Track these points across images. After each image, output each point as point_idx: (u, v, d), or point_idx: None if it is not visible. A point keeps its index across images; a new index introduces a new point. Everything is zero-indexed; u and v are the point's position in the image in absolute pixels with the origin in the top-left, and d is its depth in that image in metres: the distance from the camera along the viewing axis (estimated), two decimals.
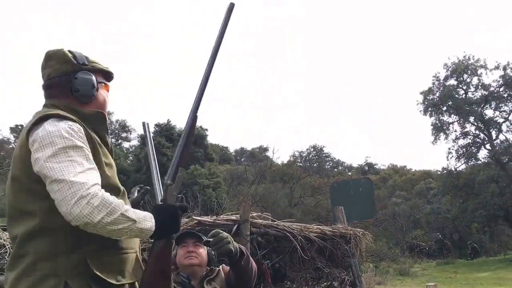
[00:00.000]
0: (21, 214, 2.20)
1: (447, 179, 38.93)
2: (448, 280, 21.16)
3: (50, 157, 2.09)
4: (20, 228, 2.18)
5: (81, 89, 2.38)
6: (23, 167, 2.19)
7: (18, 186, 2.21)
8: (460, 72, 38.49)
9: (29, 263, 2.14)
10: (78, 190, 2.03)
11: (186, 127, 2.67)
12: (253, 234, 5.52)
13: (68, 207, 2.01)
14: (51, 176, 2.06)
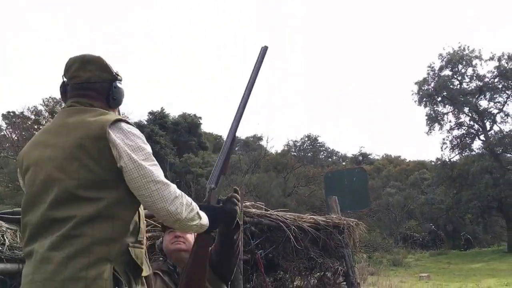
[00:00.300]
0: (76, 199, 2.30)
1: (441, 170, 39.05)
2: (441, 271, 21.26)
3: (144, 160, 2.36)
4: (78, 212, 2.27)
5: (117, 98, 2.67)
6: (97, 158, 2.33)
7: (86, 174, 2.32)
8: (455, 62, 38.55)
9: (84, 244, 2.24)
10: (174, 191, 2.37)
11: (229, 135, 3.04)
12: (246, 224, 5.48)
13: (166, 205, 2.33)
14: (149, 176, 2.32)
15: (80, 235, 2.25)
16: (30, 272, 2.27)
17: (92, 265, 2.22)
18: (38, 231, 2.34)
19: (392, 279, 15.09)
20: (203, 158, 36.93)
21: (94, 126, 2.38)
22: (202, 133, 43.95)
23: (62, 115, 2.56)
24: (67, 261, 2.21)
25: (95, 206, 2.29)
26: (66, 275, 2.19)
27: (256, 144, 62.26)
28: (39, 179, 2.40)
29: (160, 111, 41.75)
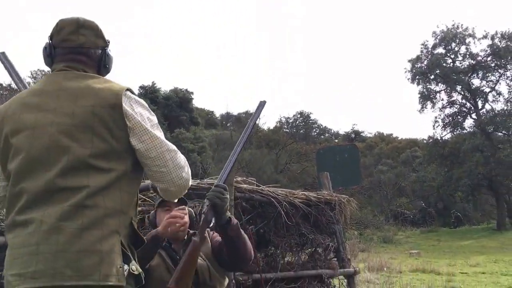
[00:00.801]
0: (86, 168, 2.24)
1: (433, 148, 39.25)
2: (431, 248, 21.42)
3: (155, 130, 2.40)
4: (89, 181, 2.22)
5: (109, 66, 2.64)
6: (111, 128, 2.29)
7: (98, 143, 2.27)
8: (448, 40, 38.59)
9: (98, 216, 2.19)
10: (184, 161, 2.48)
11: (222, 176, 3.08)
12: (237, 199, 5.46)
13: (180, 172, 2.41)
14: (164, 146, 2.37)
15: (93, 205, 2.20)
16: (33, 243, 2.13)
17: (106, 237, 2.18)
18: (41, 199, 2.22)
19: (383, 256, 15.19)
20: (194, 134, 36.90)
21: (106, 94, 2.35)
22: (193, 108, 43.86)
23: (57, 78, 2.45)
24: (80, 232, 2.14)
25: (107, 177, 2.26)
26: (80, 247, 2.12)
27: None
28: (41, 145, 2.28)
29: (151, 86, 41.62)
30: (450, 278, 11.59)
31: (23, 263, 2.12)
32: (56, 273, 2.08)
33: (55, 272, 2.08)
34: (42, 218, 2.16)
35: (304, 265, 6.16)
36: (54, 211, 2.17)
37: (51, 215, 2.16)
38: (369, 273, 11.64)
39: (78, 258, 2.10)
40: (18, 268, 2.13)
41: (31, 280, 2.09)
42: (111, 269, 2.15)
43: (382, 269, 12.83)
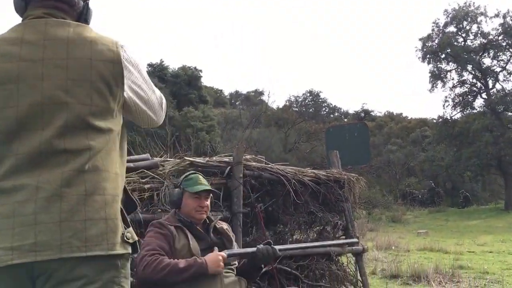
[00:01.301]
0: (86, 128, 2.08)
1: (443, 128, 39.14)
2: (439, 228, 21.44)
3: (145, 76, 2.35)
4: (93, 142, 2.07)
5: (89, 20, 2.36)
6: (110, 84, 2.14)
7: (97, 100, 2.11)
8: (460, 19, 38.31)
9: (100, 180, 2.05)
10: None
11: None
12: (246, 177, 5.48)
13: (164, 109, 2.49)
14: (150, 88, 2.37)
15: (95, 169, 2.05)
16: (29, 212, 1.92)
17: (109, 203, 2.05)
18: (33, 162, 2.00)
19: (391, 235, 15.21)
20: (203, 112, 36.81)
21: (101, 47, 2.16)
22: (202, 87, 43.63)
23: (38, 25, 2.15)
24: (85, 199, 1.98)
25: (106, 138, 2.12)
26: (86, 215, 1.97)
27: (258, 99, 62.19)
28: (31, 101, 2.03)
29: (160, 63, 41.51)
30: (458, 256, 11.62)
31: (16, 235, 1.90)
32: (63, 244, 1.91)
33: (62, 243, 1.91)
34: (38, 184, 1.96)
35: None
36: (53, 176, 1.99)
37: (50, 181, 1.97)
38: (377, 251, 11.68)
39: (85, 227, 1.95)
40: (8, 241, 1.90)
41: (29, 253, 1.89)
42: (116, 237, 2.03)
43: (390, 247, 12.87)
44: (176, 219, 3.66)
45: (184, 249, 3.47)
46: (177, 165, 5.17)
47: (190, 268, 3.28)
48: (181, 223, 3.62)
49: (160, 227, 3.56)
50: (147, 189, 4.77)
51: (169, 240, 3.49)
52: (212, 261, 3.35)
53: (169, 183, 4.87)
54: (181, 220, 3.64)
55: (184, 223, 3.63)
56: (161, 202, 4.78)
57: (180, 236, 3.54)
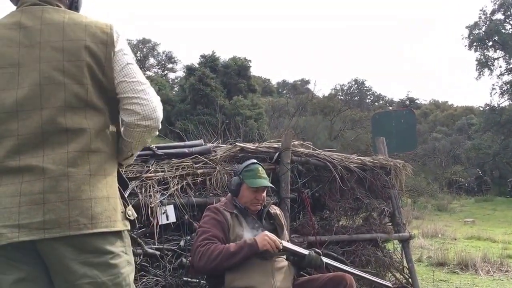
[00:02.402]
0: (84, 107, 2.16)
1: (490, 115, 38.55)
2: (486, 217, 21.15)
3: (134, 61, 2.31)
4: (89, 123, 2.16)
5: (79, 8, 2.41)
6: (102, 65, 2.21)
7: (90, 79, 2.17)
8: (508, 6, 37.55)
9: (101, 160, 2.17)
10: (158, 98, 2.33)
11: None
12: (293, 163, 5.56)
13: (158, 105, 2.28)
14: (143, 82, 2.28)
15: (97, 150, 2.16)
16: (36, 191, 2.00)
17: (109, 183, 2.17)
18: (36, 142, 2.07)
19: (437, 223, 15.11)
20: (252, 101, 37.22)
21: (95, 30, 2.22)
22: (251, 76, 44.05)
23: (35, 11, 2.21)
24: (89, 179, 2.09)
25: (102, 118, 2.21)
26: (91, 194, 2.07)
27: (304, 88, 62.23)
28: (31, 82, 2.10)
29: (211, 55, 42.02)
30: (506, 246, 11.47)
31: (23, 213, 1.98)
32: (71, 222, 2.00)
33: (70, 221, 2.00)
34: (44, 164, 2.04)
35: (359, 228, 6.22)
36: (58, 156, 2.07)
37: (56, 161, 2.05)
38: (423, 239, 11.62)
39: (91, 205, 2.05)
40: (14, 219, 1.98)
41: (38, 231, 1.97)
42: (117, 214, 2.16)
43: (436, 235, 12.78)
44: (233, 205, 3.76)
45: (239, 237, 3.59)
46: (228, 150, 5.29)
47: (241, 250, 3.39)
48: (236, 210, 3.72)
49: (216, 213, 3.67)
50: (200, 174, 4.91)
51: (224, 227, 3.60)
52: (262, 239, 3.45)
53: (221, 168, 5.00)
54: (237, 207, 3.74)
55: (240, 210, 3.73)
56: (213, 187, 4.92)
57: (235, 224, 3.65)
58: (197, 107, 35.42)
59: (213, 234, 3.53)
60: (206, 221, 3.66)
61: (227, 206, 3.75)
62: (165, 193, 4.60)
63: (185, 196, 4.73)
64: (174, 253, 4.50)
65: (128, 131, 2.28)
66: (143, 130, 2.25)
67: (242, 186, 3.77)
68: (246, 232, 3.65)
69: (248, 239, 3.47)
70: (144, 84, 2.26)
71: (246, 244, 3.42)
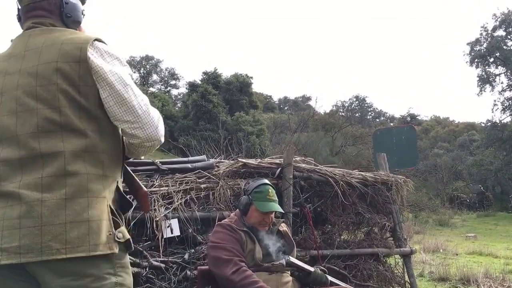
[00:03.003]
0: (60, 130, 2.12)
1: (491, 131, 38.53)
2: (488, 232, 21.14)
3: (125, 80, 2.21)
4: (66, 145, 2.10)
5: (73, 15, 2.36)
6: (77, 84, 2.15)
7: (65, 101, 2.13)
8: (509, 22, 37.67)
9: (81, 183, 2.09)
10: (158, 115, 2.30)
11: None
12: (296, 178, 5.64)
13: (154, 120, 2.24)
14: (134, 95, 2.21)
15: (75, 172, 2.09)
16: (15, 216, 2.02)
17: (91, 205, 2.08)
18: (14, 168, 2.11)
19: (438, 238, 15.12)
20: (253, 117, 37.33)
21: (70, 47, 2.17)
22: (253, 93, 44.25)
23: (24, 37, 2.29)
24: (65, 203, 2.04)
25: (82, 139, 2.14)
26: (67, 218, 2.03)
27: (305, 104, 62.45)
28: (8, 110, 2.16)
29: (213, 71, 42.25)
30: (508, 261, 11.48)
31: (5, 237, 2.01)
32: (44, 248, 1.99)
33: (42, 247, 1.99)
34: (20, 190, 2.06)
35: (361, 243, 6.27)
36: (33, 181, 2.07)
37: (31, 187, 2.06)
38: (424, 254, 11.64)
39: (65, 230, 2.02)
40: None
41: (15, 255, 1.99)
42: (101, 237, 2.07)
43: (438, 250, 12.79)
44: (243, 223, 3.77)
45: (250, 254, 3.63)
46: (231, 166, 5.38)
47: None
48: (246, 227, 3.74)
49: (232, 232, 3.68)
50: (203, 189, 4.99)
51: (242, 245, 3.64)
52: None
53: (223, 183, 5.08)
54: (246, 225, 3.76)
55: (249, 228, 3.75)
56: (216, 201, 4.99)
57: (247, 241, 3.68)
58: (199, 123, 35.60)
59: (240, 259, 3.55)
60: (224, 239, 3.65)
61: (238, 224, 3.76)
62: (170, 207, 4.68)
63: (189, 210, 4.80)
64: (179, 266, 4.57)
65: (133, 148, 2.34)
66: (148, 148, 2.31)
67: (251, 207, 3.76)
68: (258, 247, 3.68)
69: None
70: (139, 102, 2.21)
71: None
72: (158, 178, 4.99)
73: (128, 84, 2.20)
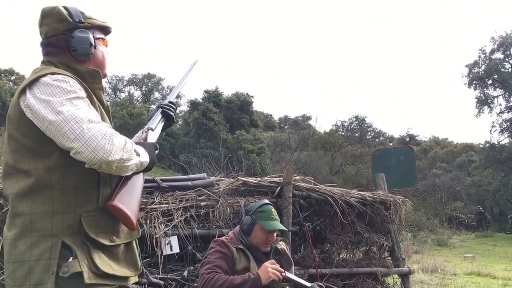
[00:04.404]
0: (15, 173, 2.18)
1: (490, 153, 38.63)
2: (486, 253, 21.08)
3: (58, 106, 2.07)
4: (15, 187, 2.17)
5: (78, 49, 2.34)
6: (18, 126, 2.17)
7: (14, 145, 2.19)
8: (507, 45, 37.85)
9: (25, 223, 2.12)
10: (103, 128, 2.07)
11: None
12: (295, 197, 5.67)
13: (94, 146, 2.01)
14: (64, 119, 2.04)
15: (21, 213, 2.14)
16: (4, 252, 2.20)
17: (34, 244, 2.10)
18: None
19: (437, 258, 15.09)
20: (254, 135, 37.52)
21: (19, 89, 2.19)
22: (253, 111, 44.51)
23: None
24: (14, 242, 2.13)
25: (28, 179, 2.14)
26: (15, 258, 2.12)
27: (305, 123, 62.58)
28: None
29: (215, 90, 42.51)
30: (506, 282, 11.47)
31: None
32: (6, 283, 2.16)
33: (5, 281, 2.18)
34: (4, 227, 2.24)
35: (359, 262, 6.28)
36: (6, 220, 2.24)
37: (6, 225, 2.22)
38: (423, 274, 11.60)
39: (14, 268, 2.11)
40: None
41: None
42: (42, 277, 2.07)
43: (436, 270, 12.76)
44: (239, 240, 3.80)
45: (245, 272, 3.62)
46: (231, 184, 5.41)
47: (245, 283, 3.44)
48: (242, 245, 3.77)
49: (222, 246, 3.73)
50: (203, 206, 5.02)
51: (229, 260, 3.66)
52: (265, 271, 3.49)
53: (223, 201, 5.11)
54: (243, 242, 3.79)
55: (245, 245, 3.77)
56: (215, 219, 5.01)
57: (241, 258, 3.70)
58: (200, 141, 35.76)
59: (218, 264, 3.59)
60: (211, 253, 3.72)
61: (233, 241, 3.80)
62: (169, 224, 4.71)
63: (188, 228, 4.83)
64: (177, 283, 4.58)
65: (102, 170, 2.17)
66: (106, 168, 2.10)
67: (255, 226, 3.79)
68: (253, 263, 3.69)
69: (252, 273, 3.52)
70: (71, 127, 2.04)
71: (250, 278, 3.47)
72: (159, 195, 5.02)
73: (60, 111, 2.06)
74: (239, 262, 3.68)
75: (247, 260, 3.71)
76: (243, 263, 3.69)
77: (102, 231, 2.22)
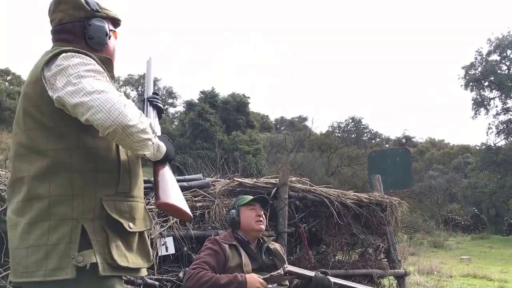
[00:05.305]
0: (29, 153, 2.14)
1: (486, 154, 38.70)
2: (482, 255, 21.09)
3: (76, 76, 2.03)
4: (30, 169, 2.12)
5: (95, 37, 2.35)
6: (37, 104, 2.14)
7: (30, 123, 2.15)
8: (503, 47, 37.95)
9: (44, 207, 2.06)
10: (118, 97, 2.01)
11: None
12: (291, 198, 5.65)
13: (108, 107, 1.95)
14: (82, 89, 1.99)
15: (37, 197, 2.08)
16: (9, 238, 2.16)
17: (53, 229, 2.04)
18: (9, 193, 2.23)
19: (433, 260, 15.09)
20: (250, 136, 37.52)
21: (36, 68, 2.18)
22: (250, 112, 44.54)
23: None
24: (29, 227, 2.06)
25: (45, 160, 2.10)
26: (29, 243, 2.05)
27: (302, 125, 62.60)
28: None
29: (211, 91, 42.55)
30: (503, 284, 11.47)
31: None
32: (14, 270, 2.10)
33: (14, 269, 2.11)
34: (9, 213, 2.19)
35: (355, 264, 6.27)
36: (15, 206, 2.15)
37: (13, 211, 2.15)
38: (418, 276, 11.59)
39: (27, 254, 2.04)
40: None
41: (11, 274, 2.15)
42: (60, 262, 2.01)
43: (432, 272, 12.75)
44: (233, 237, 3.83)
45: (238, 268, 3.63)
46: (227, 185, 5.40)
47: (231, 284, 3.43)
48: (236, 241, 3.78)
49: (214, 244, 3.74)
50: (199, 207, 5.00)
51: (219, 258, 3.66)
52: (252, 282, 3.48)
53: (219, 202, 5.09)
54: (237, 239, 3.81)
55: (240, 241, 3.79)
56: (211, 220, 5.00)
57: (234, 254, 3.70)
58: (196, 142, 35.73)
59: (206, 260, 3.59)
60: (203, 250, 3.74)
61: (226, 239, 3.82)
62: (165, 225, 4.68)
63: (184, 229, 4.80)
64: (173, 284, 4.56)
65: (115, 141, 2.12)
66: (121, 136, 2.00)
67: (240, 211, 3.87)
68: (246, 260, 3.69)
69: (240, 276, 3.50)
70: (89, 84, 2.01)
71: (237, 280, 3.45)
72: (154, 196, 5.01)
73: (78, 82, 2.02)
74: (232, 259, 3.68)
75: (239, 256, 3.71)
76: (236, 260, 3.68)
77: (121, 216, 2.19)
